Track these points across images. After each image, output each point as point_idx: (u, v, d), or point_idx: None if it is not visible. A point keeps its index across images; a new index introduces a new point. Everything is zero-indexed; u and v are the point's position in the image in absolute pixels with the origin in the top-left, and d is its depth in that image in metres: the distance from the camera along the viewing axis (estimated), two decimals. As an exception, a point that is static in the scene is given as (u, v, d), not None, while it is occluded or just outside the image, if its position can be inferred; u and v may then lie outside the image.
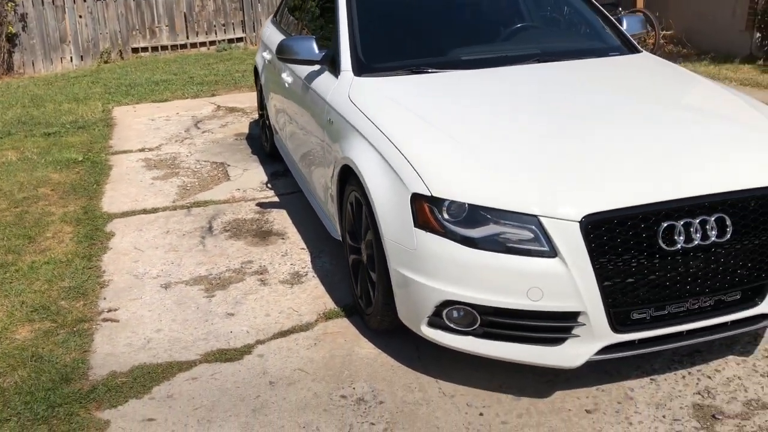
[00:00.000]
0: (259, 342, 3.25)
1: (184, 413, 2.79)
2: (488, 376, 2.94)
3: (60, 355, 3.17)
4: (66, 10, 12.80)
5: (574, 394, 2.84)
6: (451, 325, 2.76)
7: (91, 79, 10.23)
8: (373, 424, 2.70)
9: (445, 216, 2.67)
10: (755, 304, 2.79)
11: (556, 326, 2.64)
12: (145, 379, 3.00)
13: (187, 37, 12.80)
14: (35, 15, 12.67)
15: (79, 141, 6.65)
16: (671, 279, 2.64)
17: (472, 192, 2.66)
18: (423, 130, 3.03)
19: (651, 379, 2.93)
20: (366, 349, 3.18)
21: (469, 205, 2.65)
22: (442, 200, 2.67)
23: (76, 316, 3.49)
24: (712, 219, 2.62)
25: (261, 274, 3.91)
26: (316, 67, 3.97)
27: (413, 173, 2.77)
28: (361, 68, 3.67)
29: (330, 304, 3.55)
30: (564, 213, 2.54)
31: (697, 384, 2.89)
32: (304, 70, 4.15)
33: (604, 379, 2.93)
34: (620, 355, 2.75)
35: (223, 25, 12.95)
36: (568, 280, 2.55)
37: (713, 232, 2.62)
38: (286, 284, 3.78)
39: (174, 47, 12.72)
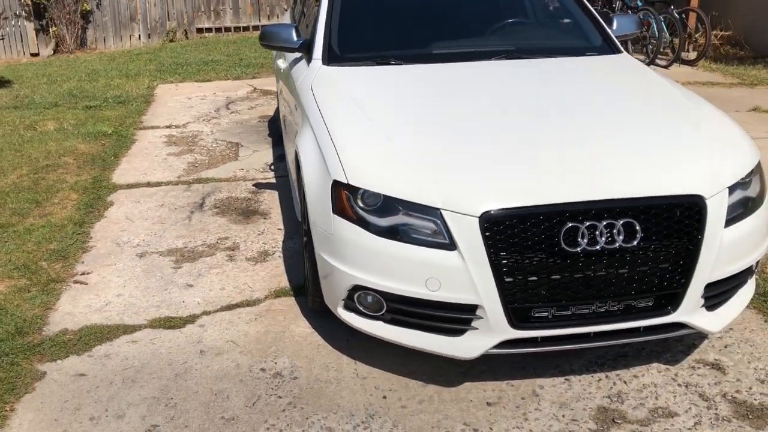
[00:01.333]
0: (205, 313, 3.44)
1: (113, 372, 3.01)
2: (406, 361, 3.03)
3: (24, 310, 3.45)
4: (137, -11, 13.36)
5: (482, 386, 2.90)
6: (363, 310, 2.87)
7: (150, 56, 10.70)
8: (280, 397, 2.85)
9: (360, 204, 2.77)
10: (668, 313, 2.77)
11: (455, 317, 2.71)
12: (89, 338, 3.23)
13: (250, 20, 13.19)
14: (109, -7, 13.27)
15: (115, 115, 7.02)
16: (574, 280, 2.66)
17: (385, 183, 2.75)
18: (359, 121, 3.13)
19: (565, 379, 2.95)
20: (301, 327, 3.32)
21: (382, 195, 2.74)
22: (357, 189, 2.77)
23: (51, 276, 3.78)
24: (620, 223, 2.62)
25: (232, 250, 4.10)
26: (298, 54, 4.11)
27: (337, 161, 2.88)
28: (331, 58, 3.79)
29: (284, 283, 3.71)
30: (464, 208, 2.60)
31: (611, 388, 2.90)
32: (290, 56, 4.30)
33: (517, 375, 2.97)
34: (523, 351, 2.80)
35: (285, 9, 13.23)
36: (464, 274, 2.61)
37: (620, 237, 2.62)
38: (251, 261, 3.96)
39: (237, 29, 13.13)
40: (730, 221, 2.79)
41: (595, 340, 2.80)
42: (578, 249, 2.61)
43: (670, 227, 2.67)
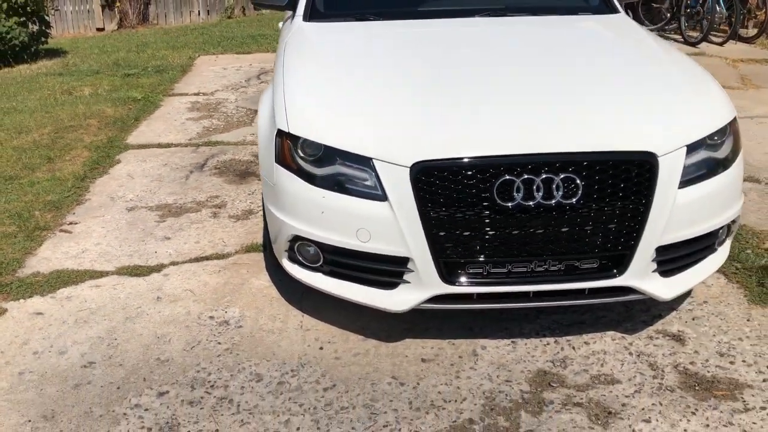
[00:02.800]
0: (173, 263, 3.50)
1: (69, 312, 3.10)
2: (354, 317, 2.99)
3: (5, 254, 3.59)
4: (198, -34, 13.63)
5: (422, 343, 2.84)
6: (303, 261, 2.85)
7: (202, 31, 10.91)
8: (219, 343, 2.87)
9: (300, 154, 2.74)
10: (613, 276, 2.64)
11: (387, 270, 2.66)
12: (56, 281, 3.34)
13: (306, -3, 13.26)
14: (170, -30, 13.59)
15: (149, 83, 7.20)
16: (511, 237, 2.55)
17: (325, 133, 2.71)
18: (315, 72, 3.10)
19: (511, 341, 2.86)
20: (261, 281, 3.33)
21: (322, 145, 2.70)
22: (297, 138, 2.74)
23: (40, 224, 3.92)
24: (558, 179, 2.50)
25: (219, 207, 4.15)
26: (289, 12, 4.11)
27: (283, 111, 2.86)
28: (312, 14, 3.77)
29: (258, 240, 3.73)
30: (395, 158, 2.54)
31: (557, 353, 2.79)
32: (286, 16, 4.30)
33: (462, 334, 2.90)
34: (458, 307, 2.73)
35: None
36: (394, 225, 2.55)
37: (558, 193, 2.50)
38: (233, 218, 4.00)
39: (293, 6, 13.23)
40: (688, 182, 2.63)
41: (535, 299, 2.69)
42: (512, 204, 2.50)
43: (615, 185, 2.53)
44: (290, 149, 2.77)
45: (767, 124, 5.42)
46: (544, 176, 2.49)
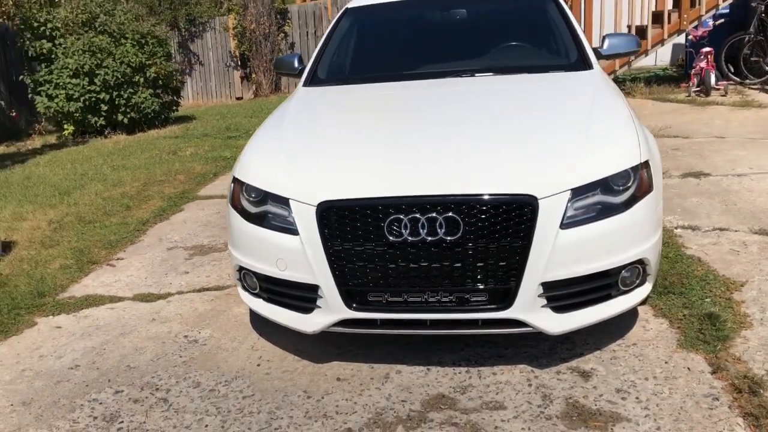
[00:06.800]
0: (179, 293, 4.09)
1: (81, 327, 3.75)
2: (298, 341, 3.39)
3: (56, 281, 4.36)
4: (325, 39, 14.82)
5: (346, 366, 3.18)
6: (248, 289, 3.31)
7: (318, 97, 11.86)
8: (180, 357, 3.38)
9: (245, 196, 3.24)
10: (501, 309, 2.85)
11: (303, 296, 3.05)
12: (83, 303, 4.03)
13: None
14: (300, 44, 14.95)
15: (245, 143, 8.08)
16: (403, 269, 2.87)
17: (260, 178, 3.19)
18: (278, 126, 3.62)
19: (426, 368, 3.12)
20: (241, 309, 3.83)
21: (258, 188, 3.18)
22: (242, 183, 3.25)
23: (94, 259, 4.69)
24: (441, 218, 2.79)
25: (241, 248, 4.72)
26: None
27: (239, 161, 3.39)
28: (313, 81, 4.32)
29: (258, 275, 4.24)
30: (305, 198, 2.96)
31: (463, 381, 3.02)
32: (308, 83, 4.89)
33: (385, 360, 3.20)
34: (364, 331, 3.04)
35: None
36: (303, 256, 2.96)
37: (441, 230, 2.79)
38: (248, 258, 4.55)
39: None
40: (573, 224, 2.81)
41: (432, 327, 2.95)
42: (400, 239, 2.82)
43: (495, 224, 2.78)
44: (239, 193, 3.27)
45: (812, 178, 5.20)
46: (428, 215, 2.80)
